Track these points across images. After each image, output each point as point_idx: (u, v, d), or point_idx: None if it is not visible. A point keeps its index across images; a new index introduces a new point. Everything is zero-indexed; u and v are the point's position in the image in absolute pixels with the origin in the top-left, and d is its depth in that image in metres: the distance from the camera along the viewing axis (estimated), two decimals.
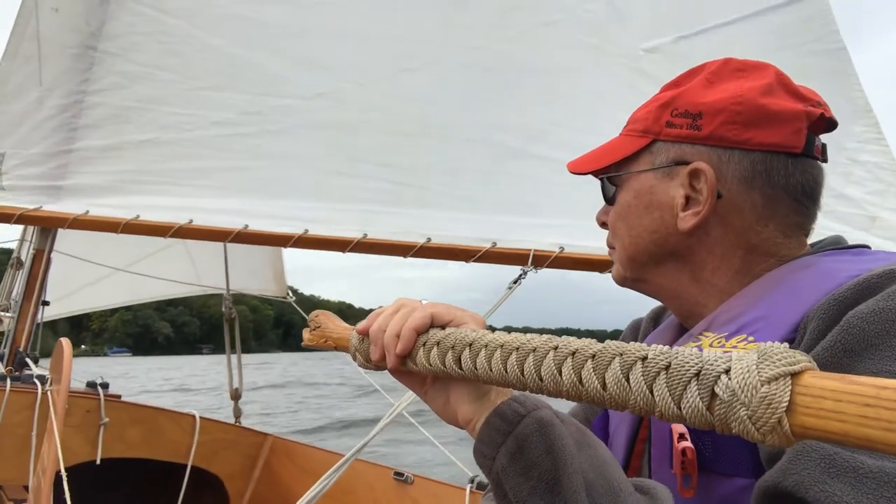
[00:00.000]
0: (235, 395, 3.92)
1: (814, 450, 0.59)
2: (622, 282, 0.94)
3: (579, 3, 2.23)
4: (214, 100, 2.61)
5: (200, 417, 3.04)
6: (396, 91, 2.44)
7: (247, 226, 2.41)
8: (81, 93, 2.81)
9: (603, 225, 0.96)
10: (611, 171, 0.91)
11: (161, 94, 2.67)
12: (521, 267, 2.09)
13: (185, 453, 2.95)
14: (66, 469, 1.74)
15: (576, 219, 2.12)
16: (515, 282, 2.08)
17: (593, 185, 2.08)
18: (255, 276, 4.69)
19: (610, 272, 1.99)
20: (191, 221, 2.48)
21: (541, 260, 2.08)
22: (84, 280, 4.79)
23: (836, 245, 0.82)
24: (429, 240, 2.22)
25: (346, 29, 2.51)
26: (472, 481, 2.36)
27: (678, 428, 0.72)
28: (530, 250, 2.09)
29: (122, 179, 2.70)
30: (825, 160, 0.82)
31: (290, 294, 4.78)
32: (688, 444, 0.70)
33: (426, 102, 2.42)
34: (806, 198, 0.81)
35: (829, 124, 0.82)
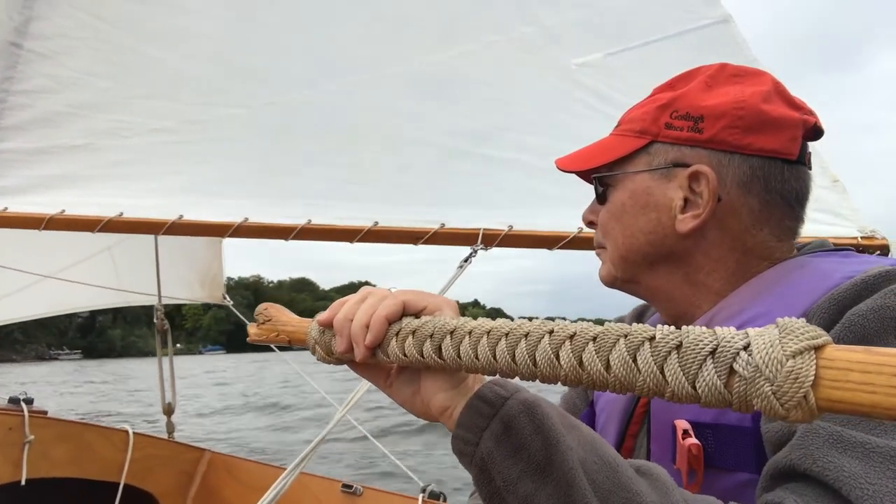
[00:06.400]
0: (168, 410, 3.75)
1: (821, 427, 0.60)
2: (612, 282, 0.92)
3: (513, 27, 2.32)
4: (154, 108, 2.51)
5: (134, 433, 2.90)
6: (345, 100, 2.42)
7: (182, 216, 2.32)
8: (4, 91, 2.65)
9: (590, 224, 0.95)
10: (603, 171, 0.90)
11: (95, 100, 2.54)
12: (471, 246, 2.09)
13: (116, 471, 2.80)
14: None
15: (523, 207, 2.18)
16: (466, 260, 2.06)
17: (539, 179, 2.17)
18: (184, 285, 4.50)
19: (559, 248, 2.05)
20: (121, 214, 2.36)
21: (490, 239, 2.08)
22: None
23: (822, 248, 0.85)
24: (376, 223, 2.18)
25: (292, 42, 2.48)
26: (423, 491, 2.33)
27: (682, 424, 0.72)
28: (479, 229, 2.09)
29: (49, 185, 2.56)
30: (810, 167, 0.85)
31: (227, 298, 4.61)
32: (693, 441, 0.70)
33: (375, 110, 2.41)
34: (798, 203, 0.83)
35: (817, 132, 0.84)
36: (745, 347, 0.43)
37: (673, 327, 0.49)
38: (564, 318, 0.57)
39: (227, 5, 2.51)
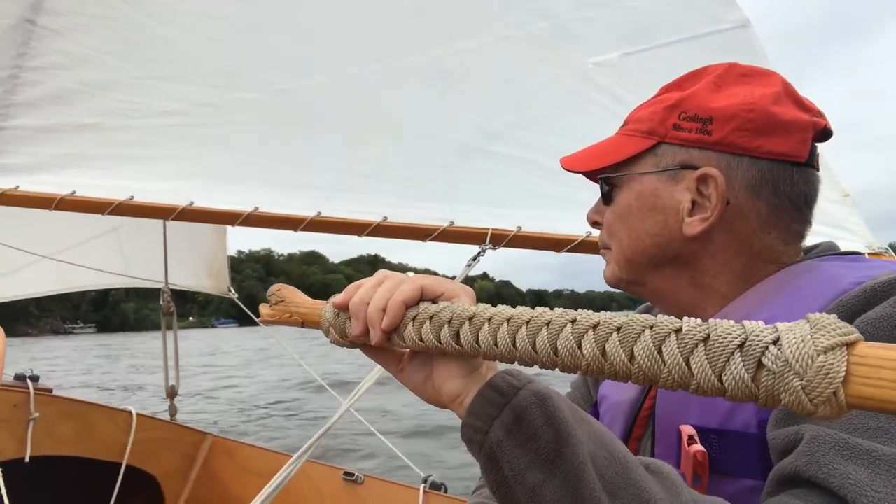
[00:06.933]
0: (171, 393, 3.76)
1: (828, 434, 0.59)
2: (616, 283, 0.91)
3: (530, 22, 2.30)
4: (165, 90, 2.51)
5: (137, 414, 2.91)
6: (355, 89, 2.42)
7: (192, 202, 2.33)
8: (17, 68, 2.65)
9: (595, 224, 0.94)
10: (609, 171, 0.89)
11: (106, 79, 2.54)
12: (479, 246, 2.10)
13: (119, 451, 2.81)
14: None
15: (532, 208, 2.18)
16: (474, 259, 2.07)
17: (549, 178, 2.16)
18: (190, 273, 4.51)
19: (566, 251, 2.05)
20: (132, 197, 2.37)
21: (499, 239, 2.09)
22: (4, 268, 4.50)
23: (831, 251, 0.84)
24: (385, 218, 2.19)
25: (307, 30, 2.46)
26: (425, 481, 2.33)
27: (687, 430, 0.72)
28: (488, 229, 2.10)
29: (59, 163, 2.56)
30: (818, 168, 0.84)
31: (231, 290, 4.62)
32: (699, 447, 0.70)
33: (385, 100, 2.40)
34: (806, 206, 0.82)
35: (825, 134, 0.83)
36: (775, 342, 0.43)
37: (700, 320, 0.49)
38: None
39: None
